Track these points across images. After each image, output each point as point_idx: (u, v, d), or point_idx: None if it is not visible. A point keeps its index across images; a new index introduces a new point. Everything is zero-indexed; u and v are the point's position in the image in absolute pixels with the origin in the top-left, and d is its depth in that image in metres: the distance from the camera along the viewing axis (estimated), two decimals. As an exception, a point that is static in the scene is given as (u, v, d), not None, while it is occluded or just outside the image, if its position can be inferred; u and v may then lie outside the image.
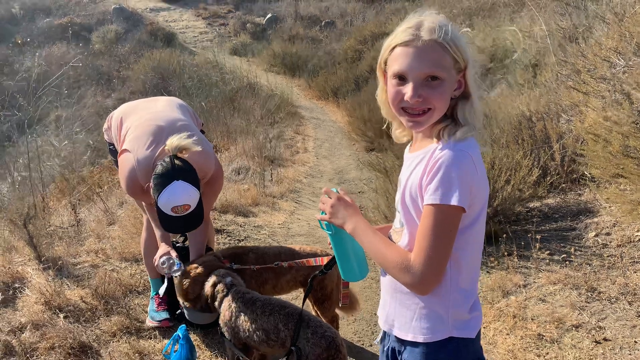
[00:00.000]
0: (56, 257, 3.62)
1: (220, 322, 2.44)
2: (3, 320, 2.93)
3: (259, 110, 10.38)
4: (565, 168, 4.39)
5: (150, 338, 2.90)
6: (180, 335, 2.53)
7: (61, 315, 2.96)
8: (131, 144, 2.73)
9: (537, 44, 7.34)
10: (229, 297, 2.41)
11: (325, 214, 1.55)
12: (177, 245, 3.09)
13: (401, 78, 1.38)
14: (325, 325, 2.27)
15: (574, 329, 2.76)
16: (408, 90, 1.36)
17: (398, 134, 1.57)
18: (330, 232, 1.58)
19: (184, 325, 2.59)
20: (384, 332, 1.58)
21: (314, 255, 2.79)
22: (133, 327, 2.95)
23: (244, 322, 2.32)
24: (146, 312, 3.10)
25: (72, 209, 4.45)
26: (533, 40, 7.61)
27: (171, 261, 2.67)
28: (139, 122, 2.82)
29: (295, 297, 3.39)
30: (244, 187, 5.64)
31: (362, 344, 3.03)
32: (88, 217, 4.57)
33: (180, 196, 2.48)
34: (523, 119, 4.95)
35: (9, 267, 3.44)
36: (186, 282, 2.57)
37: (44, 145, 7.94)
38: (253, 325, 2.30)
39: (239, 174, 6.39)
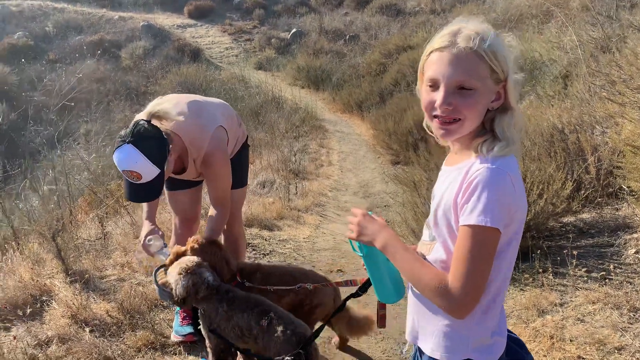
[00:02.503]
0: (83, 271, 3.63)
1: (204, 323, 2.39)
2: (30, 333, 2.93)
3: (283, 124, 10.41)
4: (601, 181, 4.23)
5: (175, 354, 2.86)
6: None
7: (87, 329, 2.95)
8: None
9: (567, 55, 7.18)
10: (215, 299, 2.34)
11: (354, 234, 1.51)
12: None
13: (434, 84, 1.33)
14: (297, 322, 2.26)
15: (616, 351, 2.62)
16: (439, 97, 1.31)
17: None
18: (362, 254, 1.53)
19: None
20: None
21: (313, 275, 2.75)
22: (158, 342, 2.91)
23: (223, 320, 2.31)
24: (171, 327, 3.06)
25: (100, 222, 4.48)
26: (563, 51, 7.46)
27: (158, 242, 2.60)
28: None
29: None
30: (268, 201, 5.62)
31: (391, 363, 2.93)
32: (115, 230, 4.59)
33: (124, 160, 2.38)
34: (555, 131, 4.81)
35: (37, 280, 3.46)
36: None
37: (74, 159, 8.08)
38: (230, 323, 2.30)
39: (264, 187, 6.37)
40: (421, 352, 1.46)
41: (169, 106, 2.53)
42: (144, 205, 2.78)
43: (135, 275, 3.69)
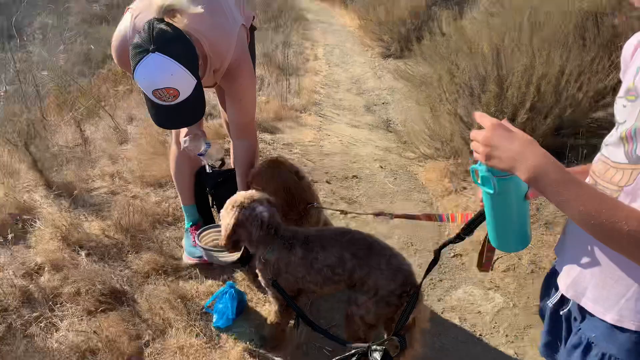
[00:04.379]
0: (67, 183, 3.14)
1: (264, 273, 1.97)
2: (15, 261, 2.49)
3: (260, 14, 9.54)
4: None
5: (191, 278, 2.47)
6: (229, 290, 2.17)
7: (83, 253, 2.53)
8: (140, 3, 2.04)
9: None
10: (281, 247, 1.91)
11: (480, 157, 1.02)
12: (213, 168, 2.54)
13: None
14: (400, 255, 1.88)
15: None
16: None
17: None
18: (491, 192, 1.04)
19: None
20: (562, 296, 1.14)
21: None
22: (169, 265, 2.52)
23: (302, 268, 1.89)
24: (181, 246, 2.66)
25: (77, 126, 3.90)
26: None
27: (198, 140, 2.18)
28: None
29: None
30: (262, 100, 5.08)
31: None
32: (95, 134, 4.03)
33: (155, 74, 1.77)
34: (577, 17, 4.30)
35: (14, 196, 2.96)
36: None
37: (33, 57, 7.21)
38: (313, 269, 1.88)
39: (253, 84, 5.78)
40: (582, 313, 1.07)
41: None
42: None
43: (129, 187, 3.23)
